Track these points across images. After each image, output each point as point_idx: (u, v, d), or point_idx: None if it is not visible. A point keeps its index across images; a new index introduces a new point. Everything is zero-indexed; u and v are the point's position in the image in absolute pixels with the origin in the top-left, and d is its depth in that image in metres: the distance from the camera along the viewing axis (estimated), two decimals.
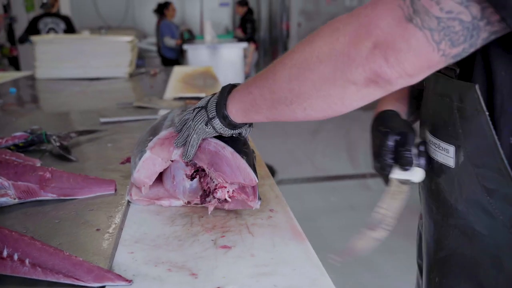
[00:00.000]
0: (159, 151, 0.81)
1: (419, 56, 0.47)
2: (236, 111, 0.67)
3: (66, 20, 5.24)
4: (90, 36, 3.69)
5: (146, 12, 8.54)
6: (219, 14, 8.95)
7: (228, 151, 0.73)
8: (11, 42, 6.01)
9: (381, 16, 0.48)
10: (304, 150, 4.40)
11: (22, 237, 0.59)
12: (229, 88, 0.70)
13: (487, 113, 0.55)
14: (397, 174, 0.67)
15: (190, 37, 6.32)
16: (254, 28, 6.89)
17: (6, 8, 6.05)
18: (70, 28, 5.24)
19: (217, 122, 0.69)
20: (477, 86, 0.56)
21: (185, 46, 5.49)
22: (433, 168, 0.67)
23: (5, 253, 0.57)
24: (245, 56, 6.00)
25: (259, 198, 0.73)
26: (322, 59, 0.53)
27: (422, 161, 0.67)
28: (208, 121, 0.70)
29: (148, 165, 0.81)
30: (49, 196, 0.82)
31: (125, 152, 1.10)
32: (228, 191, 0.73)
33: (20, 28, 5.98)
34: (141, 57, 6.69)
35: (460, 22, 0.46)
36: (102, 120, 1.44)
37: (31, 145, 1.16)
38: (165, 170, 0.83)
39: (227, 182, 0.73)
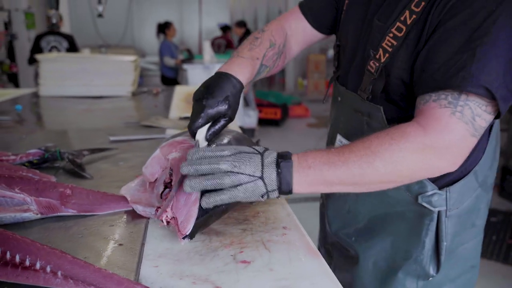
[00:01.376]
0: (166, 151, 0.86)
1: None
2: (300, 188, 0.72)
3: (69, 38, 5.31)
4: (94, 55, 3.75)
5: (145, 31, 8.67)
6: (217, 34, 9.09)
7: (196, 195, 0.74)
8: (11, 59, 6.05)
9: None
10: None
11: (54, 250, 0.62)
12: (290, 164, 0.71)
13: (388, 126, 0.82)
14: (198, 132, 0.83)
15: (189, 56, 6.40)
16: None
17: (7, 25, 6.12)
18: (72, 46, 5.30)
19: (275, 194, 0.71)
20: (381, 108, 0.85)
21: (185, 66, 5.56)
22: None
23: (38, 265, 0.60)
24: None
25: (189, 237, 0.73)
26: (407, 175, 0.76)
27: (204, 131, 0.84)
28: (266, 193, 0.70)
29: (155, 163, 0.85)
30: (70, 212, 0.85)
31: (137, 170, 1.13)
32: (167, 216, 0.75)
33: (20, 45, 6.05)
34: (141, 76, 6.76)
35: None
36: (112, 138, 1.47)
37: (45, 162, 1.19)
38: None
39: (172, 209, 0.75)
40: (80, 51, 5.52)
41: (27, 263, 0.60)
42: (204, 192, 0.72)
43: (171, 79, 6.30)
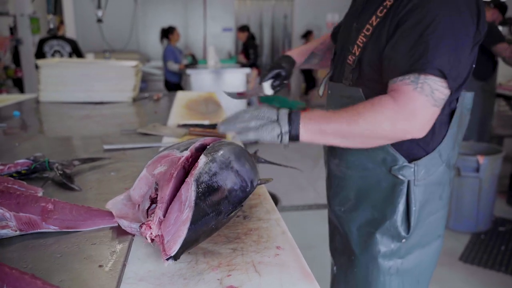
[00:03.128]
0: (152, 169, 0.81)
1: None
2: (303, 134, 0.92)
3: (72, 43, 5.30)
4: (94, 60, 3.73)
5: (150, 36, 8.65)
6: (222, 39, 9.05)
7: (187, 214, 0.70)
8: (16, 64, 6.05)
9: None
10: (307, 177, 4.38)
11: (23, 275, 0.57)
12: (298, 114, 0.93)
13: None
14: (265, 84, 1.34)
15: (193, 61, 6.37)
16: (256, 54, 6.97)
17: (12, 30, 6.13)
18: (76, 51, 5.29)
19: (286, 137, 0.91)
20: (360, 89, 1.08)
21: (188, 71, 5.53)
22: None
23: None
24: (247, 81, 6.04)
25: (174, 259, 0.68)
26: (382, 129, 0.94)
27: (273, 83, 1.35)
28: (280, 134, 0.90)
29: (142, 184, 0.81)
30: (51, 228, 0.81)
31: (128, 182, 1.09)
32: (151, 234, 0.70)
33: (25, 50, 6.04)
34: (144, 80, 6.74)
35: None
36: (106, 147, 1.43)
37: (34, 172, 1.14)
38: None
39: (158, 228, 0.70)
40: (84, 56, 5.52)
41: None
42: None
43: (174, 84, 6.27)
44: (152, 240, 0.71)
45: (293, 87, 10.07)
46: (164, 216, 0.72)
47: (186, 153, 0.82)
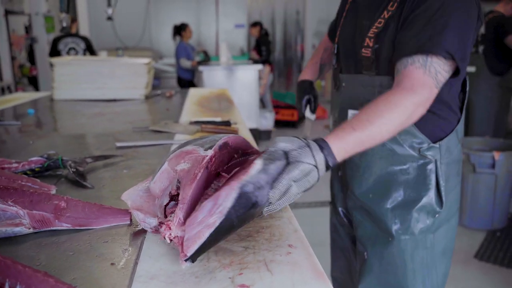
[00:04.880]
0: (174, 163, 0.80)
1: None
2: (340, 156, 0.86)
3: (86, 40, 5.35)
4: (107, 57, 3.74)
5: (163, 33, 8.68)
6: (234, 35, 9.04)
7: (215, 220, 0.67)
8: (31, 62, 6.13)
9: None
10: None
11: (36, 273, 0.58)
12: (327, 147, 0.84)
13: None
14: (306, 112, 1.48)
15: (205, 58, 6.38)
16: (269, 51, 6.95)
17: (27, 29, 6.20)
18: (89, 48, 5.34)
19: (323, 170, 0.82)
20: (391, 78, 1.12)
21: (201, 68, 5.54)
22: None
23: None
24: (260, 78, 6.03)
25: (191, 261, 0.67)
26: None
27: (310, 108, 1.48)
28: (318, 176, 0.80)
29: (163, 178, 0.80)
30: (64, 226, 0.81)
31: (140, 179, 1.09)
32: (170, 234, 0.70)
33: (40, 48, 6.12)
34: (157, 77, 6.77)
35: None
36: (118, 144, 1.43)
37: (47, 170, 1.15)
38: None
39: (181, 226, 0.69)
40: (97, 53, 5.56)
41: (6, 287, 0.56)
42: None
43: (187, 80, 6.29)
44: (171, 240, 0.70)
45: None
46: (184, 218, 0.71)
47: (211, 153, 0.79)
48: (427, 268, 1.24)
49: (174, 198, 0.79)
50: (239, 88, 5.37)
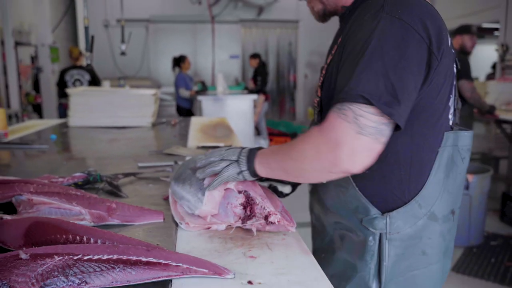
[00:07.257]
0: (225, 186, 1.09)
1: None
2: (261, 171, 1.00)
3: (90, 71, 5.67)
4: (118, 89, 4.05)
5: (161, 63, 9.06)
6: (229, 65, 9.45)
7: (270, 191, 1.14)
8: (36, 90, 6.43)
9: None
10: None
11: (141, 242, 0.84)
12: (254, 153, 1.01)
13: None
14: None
15: (203, 88, 6.73)
16: (265, 81, 7.33)
17: (33, 59, 6.53)
18: (94, 79, 5.65)
19: (246, 174, 1.01)
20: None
21: (199, 97, 5.87)
22: None
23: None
24: (254, 106, 6.37)
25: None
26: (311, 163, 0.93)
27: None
28: (240, 172, 1.01)
29: (212, 198, 1.06)
30: (115, 221, 1.08)
31: (164, 191, 1.36)
32: (277, 217, 0.99)
33: (45, 77, 6.44)
34: None
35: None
36: (140, 164, 1.71)
37: (87, 183, 1.43)
38: None
39: (277, 210, 1.01)
40: (101, 83, 5.87)
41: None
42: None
43: (186, 109, 6.62)
44: (271, 223, 1.00)
45: (298, 111, 10.38)
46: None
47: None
48: None
49: (246, 206, 1.06)
50: (235, 116, 5.70)
